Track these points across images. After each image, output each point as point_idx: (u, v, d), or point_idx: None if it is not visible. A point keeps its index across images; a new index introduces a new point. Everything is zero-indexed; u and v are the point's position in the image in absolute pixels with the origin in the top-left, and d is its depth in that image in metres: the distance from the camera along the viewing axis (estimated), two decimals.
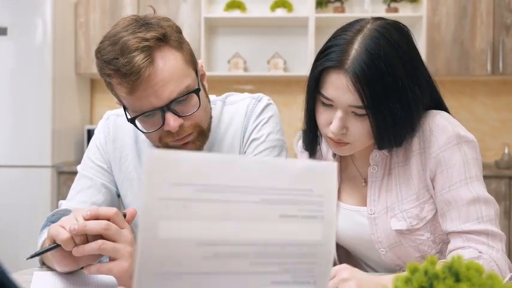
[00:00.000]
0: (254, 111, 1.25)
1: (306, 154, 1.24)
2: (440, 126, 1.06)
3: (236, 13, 3.68)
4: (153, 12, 1.13)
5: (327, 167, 0.60)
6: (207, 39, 3.68)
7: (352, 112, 1.02)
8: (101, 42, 1.06)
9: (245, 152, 1.24)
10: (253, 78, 3.85)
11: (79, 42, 3.66)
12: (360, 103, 0.99)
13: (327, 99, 1.03)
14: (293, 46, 3.84)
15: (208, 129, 1.18)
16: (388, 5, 3.69)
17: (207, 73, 1.27)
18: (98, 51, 1.06)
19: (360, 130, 1.03)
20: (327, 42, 1.05)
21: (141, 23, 1.05)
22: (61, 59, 3.45)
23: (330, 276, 0.91)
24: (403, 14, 3.63)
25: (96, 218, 0.89)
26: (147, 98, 1.03)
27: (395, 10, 3.65)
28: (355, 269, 0.93)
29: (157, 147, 1.16)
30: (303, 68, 3.71)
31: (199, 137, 1.13)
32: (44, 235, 1.09)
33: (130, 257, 0.88)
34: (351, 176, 1.20)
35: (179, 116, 1.07)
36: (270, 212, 0.57)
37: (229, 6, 3.70)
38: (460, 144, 1.04)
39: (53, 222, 1.14)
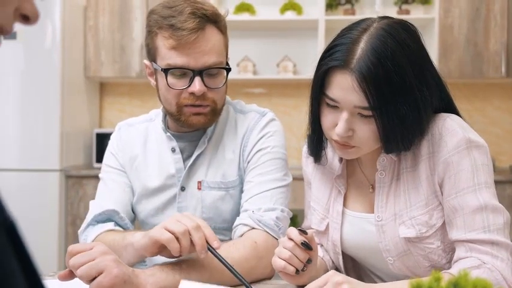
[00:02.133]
0: (258, 124, 1.30)
1: (311, 159, 1.21)
2: (450, 129, 1.02)
3: (245, 16, 3.66)
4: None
5: None
6: None
7: (358, 114, 0.98)
8: (156, 6, 1.21)
9: (249, 162, 1.27)
10: (262, 81, 3.82)
11: (88, 46, 3.65)
12: (366, 104, 0.96)
13: (332, 100, 1.00)
14: (303, 49, 3.80)
15: (219, 113, 1.27)
16: (400, 7, 3.64)
17: None
18: (152, 11, 1.21)
19: (367, 132, 0.99)
20: (332, 42, 1.03)
21: (197, 1, 1.21)
22: (70, 62, 3.45)
23: (321, 283, 0.88)
24: (415, 15, 3.58)
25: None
26: (187, 57, 1.17)
27: (407, 12, 3.59)
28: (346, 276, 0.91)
29: (171, 112, 1.24)
30: (313, 71, 3.66)
31: (211, 113, 1.23)
32: (90, 233, 1.20)
33: (114, 263, 0.90)
34: (358, 182, 1.16)
35: (205, 85, 1.19)
36: None
37: (239, 9, 3.68)
38: (469, 148, 1.00)
39: (98, 222, 1.25)
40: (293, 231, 0.99)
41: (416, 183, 1.05)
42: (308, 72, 3.74)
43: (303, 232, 0.98)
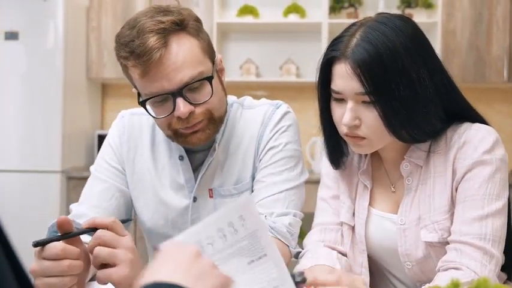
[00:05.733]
0: (272, 118, 1.22)
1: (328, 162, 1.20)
2: (483, 141, 1.03)
3: (248, 18, 3.65)
4: (177, 4, 1.15)
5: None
6: (219, 45, 3.65)
7: (362, 102, 1.01)
8: (121, 28, 1.08)
9: (261, 160, 1.21)
10: (265, 84, 3.81)
11: (91, 47, 3.64)
12: (363, 89, 0.99)
13: (337, 92, 1.03)
14: (306, 52, 3.79)
15: (220, 120, 1.16)
16: (403, 11, 3.64)
17: None
18: (117, 36, 1.08)
19: (372, 120, 1.01)
20: (334, 39, 1.08)
21: (161, 9, 1.07)
22: (72, 63, 3.44)
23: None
24: (418, 20, 3.55)
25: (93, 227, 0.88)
26: (159, 81, 1.04)
27: (410, 16, 3.59)
28: None
29: (168, 135, 1.15)
30: (316, 74, 3.65)
31: (209, 125, 1.12)
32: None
33: (131, 264, 0.86)
34: (381, 180, 1.17)
35: (190, 103, 1.07)
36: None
37: (242, 12, 3.67)
38: (493, 160, 1.02)
39: (55, 232, 1.12)
40: None
41: (442, 188, 1.06)
42: (311, 75, 3.71)
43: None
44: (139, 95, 1.12)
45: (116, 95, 4.00)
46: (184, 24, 1.07)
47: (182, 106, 1.05)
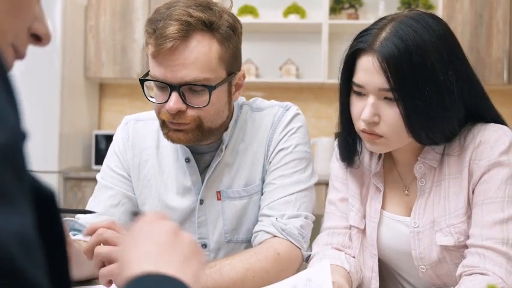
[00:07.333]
0: (282, 120, 1.21)
1: (340, 163, 1.18)
2: (499, 142, 1.01)
3: (248, 18, 3.63)
4: (231, 4, 1.16)
5: None
6: None
7: (385, 98, 0.99)
8: (164, 4, 1.09)
9: (271, 162, 1.20)
10: (265, 84, 3.79)
11: (89, 46, 3.61)
12: (388, 85, 0.96)
13: (359, 86, 1.01)
14: (306, 52, 3.78)
15: (210, 132, 1.13)
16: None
17: None
18: (155, 10, 1.08)
19: (393, 119, 0.99)
20: (361, 31, 1.05)
21: (203, 2, 1.06)
22: (70, 62, 3.41)
23: None
24: None
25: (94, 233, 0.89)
26: (164, 68, 1.05)
27: None
28: None
29: (159, 124, 1.16)
30: (316, 75, 3.65)
31: (195, 131, 1.10)
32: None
33: None
34: (394, 182, 1.14)
35: (184, 102, 1.06)
36: None
37: (242, 12, 3.65)
38: (511, 161, 1.00)
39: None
40: None
41: (458, 191, 1.04)
42: (311, 76, 3.72)
43: None
44: (147, 74, 1.13)
45: (113, 95, 3.97)
46: (213, 26, 1.05)
47: (173, 102, 1.05)
